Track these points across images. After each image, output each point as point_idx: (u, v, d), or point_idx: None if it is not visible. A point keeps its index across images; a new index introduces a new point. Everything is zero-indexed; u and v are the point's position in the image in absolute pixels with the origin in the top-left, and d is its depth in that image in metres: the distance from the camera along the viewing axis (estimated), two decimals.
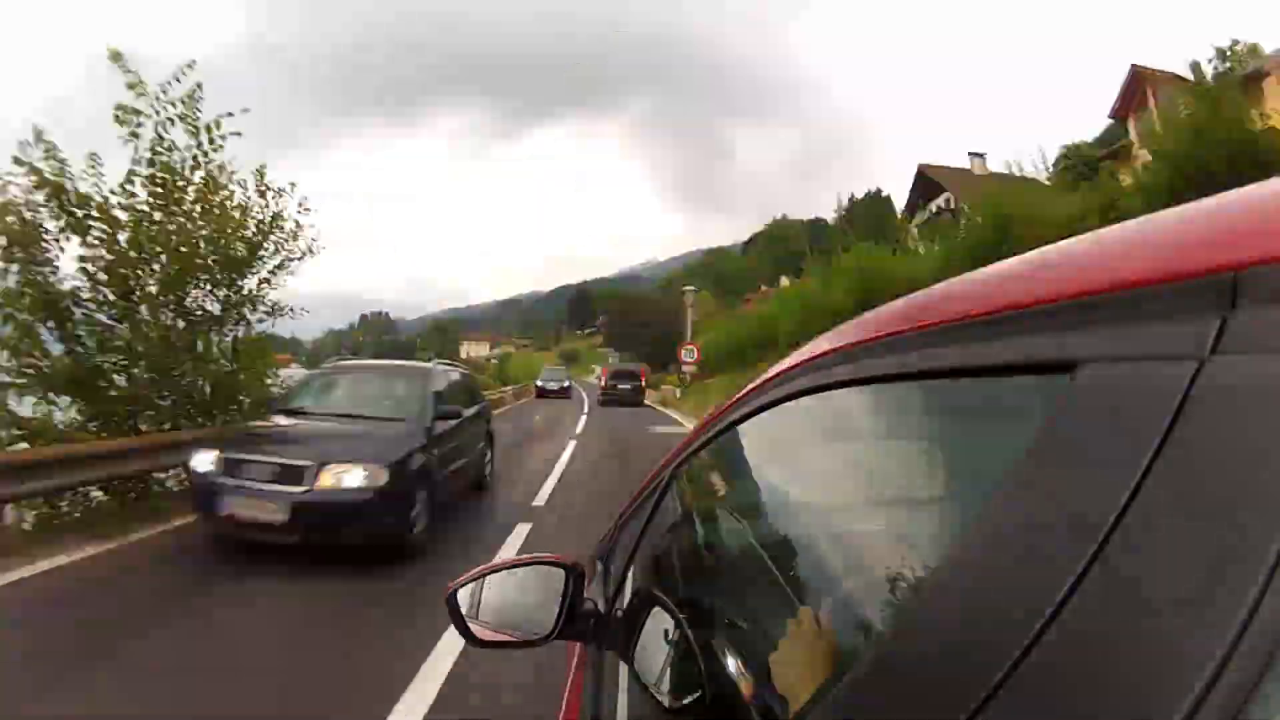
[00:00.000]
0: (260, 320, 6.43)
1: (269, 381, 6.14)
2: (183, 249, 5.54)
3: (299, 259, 6.41)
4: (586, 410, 19.66)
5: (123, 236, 5.43)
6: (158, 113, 5.41)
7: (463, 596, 1.00)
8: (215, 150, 5.74)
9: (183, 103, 5.50)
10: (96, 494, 5.27)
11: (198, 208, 5.75)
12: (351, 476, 4.06)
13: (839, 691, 0.40)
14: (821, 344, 0.65)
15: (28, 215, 5.09)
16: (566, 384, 27.01)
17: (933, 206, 26.76)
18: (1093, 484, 0.27)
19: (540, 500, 6.46)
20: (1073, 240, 0.41)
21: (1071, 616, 0.25)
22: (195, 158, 5.68)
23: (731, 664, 0.61)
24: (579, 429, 14.07)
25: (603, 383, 23.43)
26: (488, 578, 1.02)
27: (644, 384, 23.35)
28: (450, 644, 2.90)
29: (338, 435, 4.56)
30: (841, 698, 0.40)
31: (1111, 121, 20.44)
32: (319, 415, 5.02)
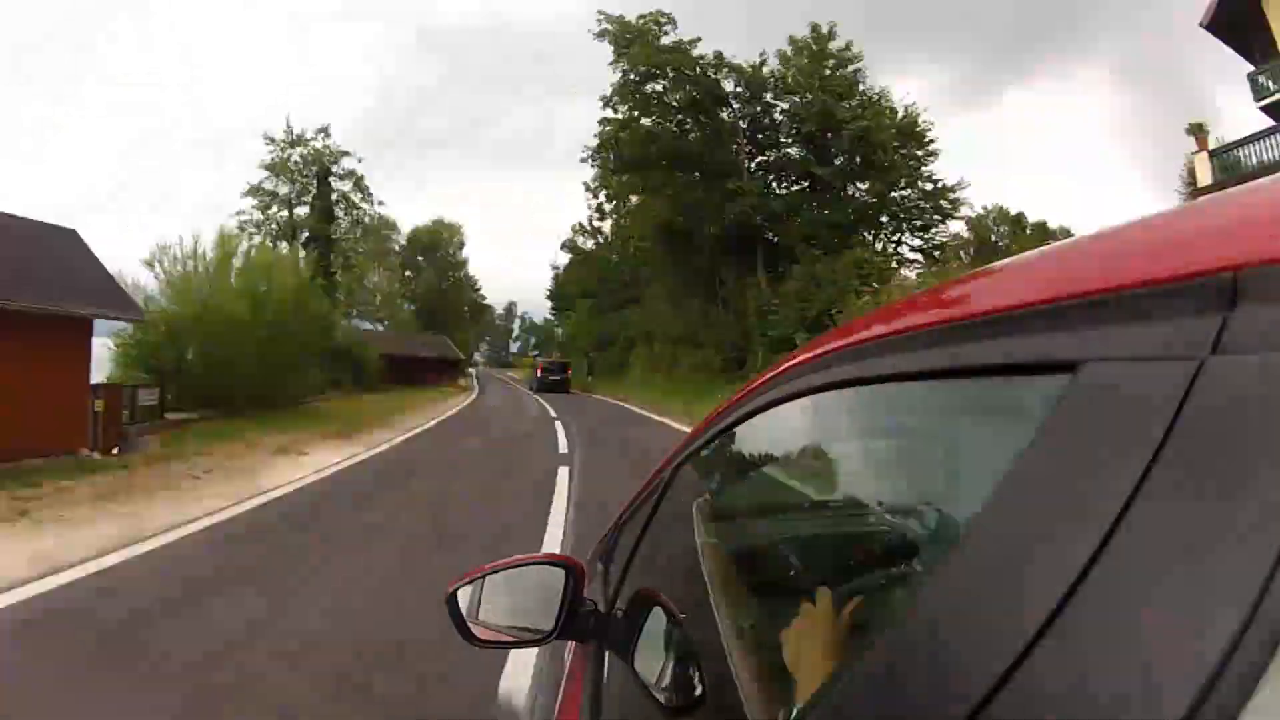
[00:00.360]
0: None
1: None
2: None
3: None
4: None
5: None
6: None
7: (462, 596, 1.00)
8: None
9: None
10: None
11: None
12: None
13: (839, 691, 0.40)
14: (821, 344, 0.65)
15: None
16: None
17: None
18: (1093, 484, 0.27)
19: None
20: (1073, 240, 0.41)
21: (1072, 616, 0.25)
22: None
23: (731, 664, 0.61)
24: None
25: (538, 373, 29.35)
26: (487, 578, 1.02)
27: (569, 375, 29.60)
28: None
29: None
30: (842, 697, 0.40)
31: None
32: None
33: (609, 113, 24.18)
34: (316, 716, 2.37)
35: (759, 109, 24.09)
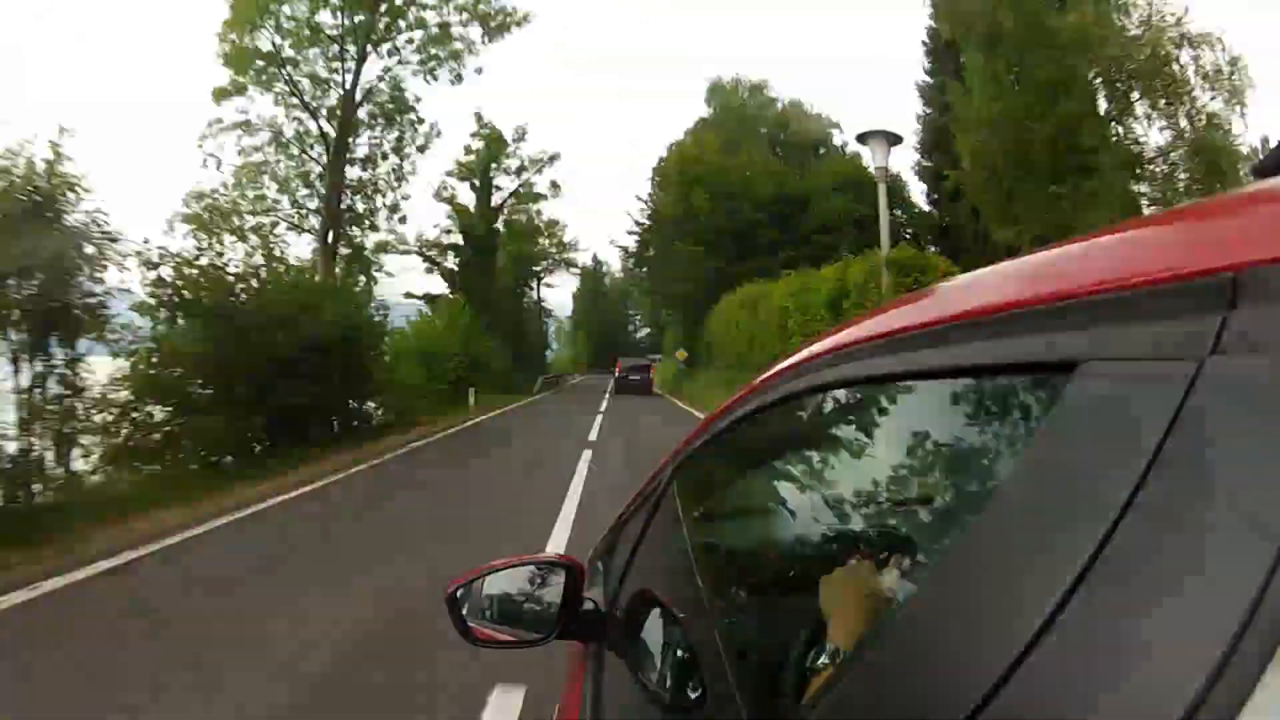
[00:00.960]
0: None
1: None
2: None
3: None
4: None
5: None
6: None
7: (462, 596, 1.00)
8: None
9: None
10: None
11: None
12: None
13: (840, 690, 0.41)
14: (822, 344, 0.65)
15: None
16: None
17: None
18: (1092, 484, 0.27)
19: None
20: (1073, 240, 0.41)
21: (1072, 616, 0.25)
22: None
23: (731, 664, 0.61)
24: None
25: (617, 374, 26.44)
26: (487, 577, 1.02)
27: (652, 376, 26.22)
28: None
29: None
30: (842, 696, 0.40)
31: None
32: None
33: None
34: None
35: None
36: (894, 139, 9.13)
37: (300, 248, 17.55)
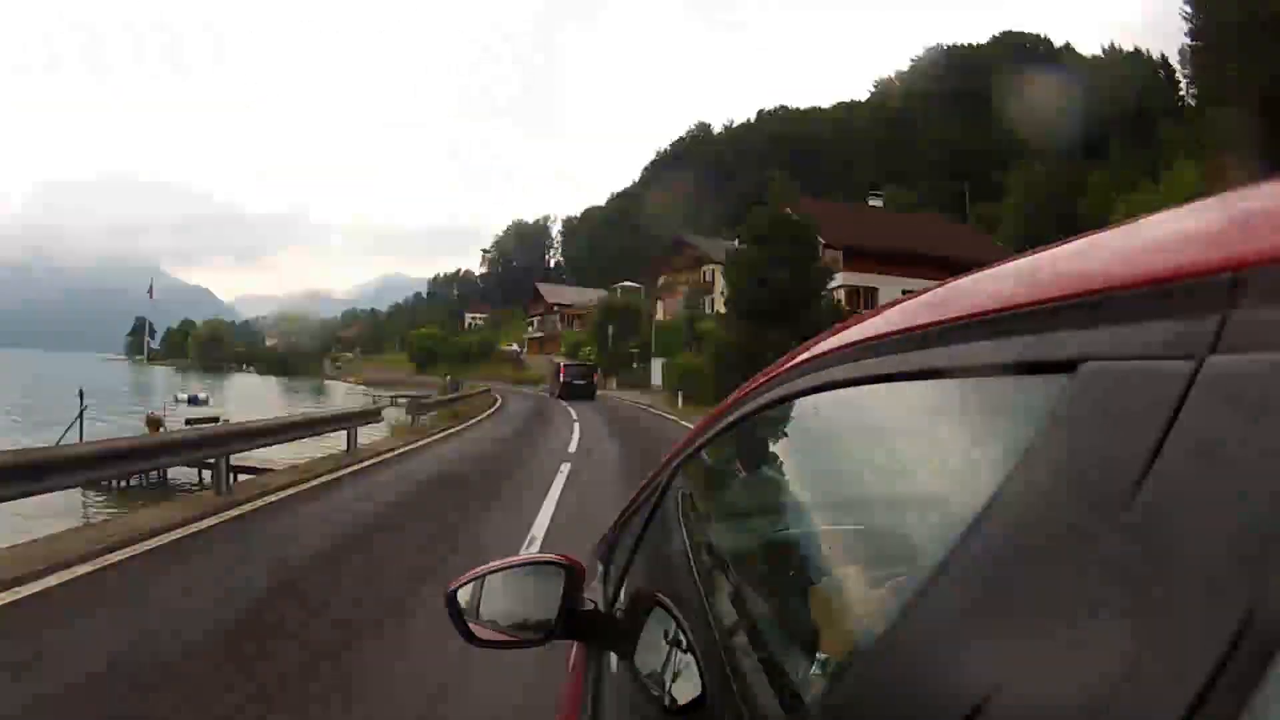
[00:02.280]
0: None
1: None
2: None
3: None
4: None
5: None
6: None
7: (462, 596, 1.00)
8: None
9: None
10: None
11: None
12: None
13: (840, 691, 0.41)
14: (822, 344, 0.65)
15: None
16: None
17: None
18: (1093, 483, 0.27)
19: None
20: (1073, 240, 0.41)
21: (1071, 616, 0.25)
22: None
23: (732, 663, 0.61)
24: None
25: (562, 378, 25.78)
26: (487, 578, 1.01)
27: (595, 380, 26.33)
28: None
29: None
30: (842, 696, 0.40)
31: None
32: None
33: None
34: None
35: None
36: None
37: None
